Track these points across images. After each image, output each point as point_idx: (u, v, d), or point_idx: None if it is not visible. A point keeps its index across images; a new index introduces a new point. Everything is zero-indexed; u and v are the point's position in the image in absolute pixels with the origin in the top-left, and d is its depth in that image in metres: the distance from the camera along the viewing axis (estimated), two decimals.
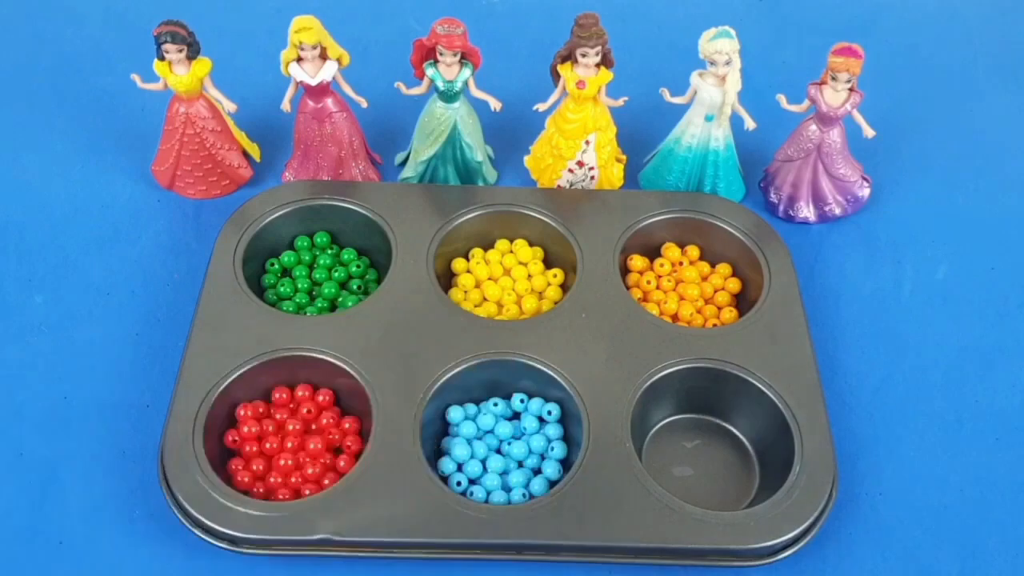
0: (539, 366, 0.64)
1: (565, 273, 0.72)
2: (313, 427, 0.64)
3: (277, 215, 0.72)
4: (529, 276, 0.72)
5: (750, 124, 0.74)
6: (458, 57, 0.71)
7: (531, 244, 0.74)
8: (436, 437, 0.64)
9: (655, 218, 0.73)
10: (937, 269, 0.76)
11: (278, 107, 0.74)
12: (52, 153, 0.81)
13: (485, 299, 0.71)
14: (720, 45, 0.69)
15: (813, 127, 0.74)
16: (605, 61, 0.71)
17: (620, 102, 0.74)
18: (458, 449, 0.63)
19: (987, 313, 0.73)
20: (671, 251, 0.74)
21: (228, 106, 0.74)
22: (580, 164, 0.76)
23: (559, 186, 0.77)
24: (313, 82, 0.72)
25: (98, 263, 0.73)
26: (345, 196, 0.73)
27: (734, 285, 0.73)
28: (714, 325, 0.70)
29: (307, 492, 0.60)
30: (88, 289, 0.72)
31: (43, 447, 0.63)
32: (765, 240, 0.72)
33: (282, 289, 0.71)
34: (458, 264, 0.73)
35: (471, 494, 0.61)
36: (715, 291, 0.73)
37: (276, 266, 0.72)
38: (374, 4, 0.96)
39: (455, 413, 0.64)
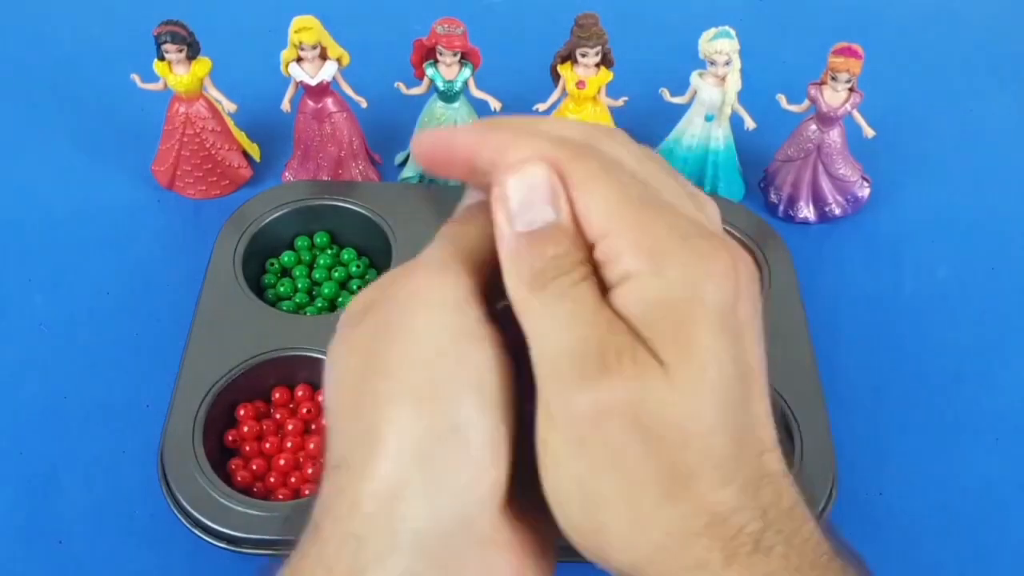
0: None
1: None
2: (312, 427, 0.64)
3: (277, 215, 0.72)
4: None
5: (750, 124, 0.74)
6: (458, 57, 0.71)
7: None
8: None
9: None
10: (937, 269, 0.76)
11: (278, 107, 0.74)
12: (52, 153, 0.81)
13: None
14: (720, 45, 0.69)
15: (813, 127, 0.74)
16: (605, 61, 0.71)
17: (620, 102, 0.74)
18: None
19: (987, 313, 0.73)
20: None
21: (228, 106, 0.74)
22: None
23: None
24: (313, 82, 0.72)
25: (98, 263, 0.73)
26: (345, 196, 0.73)
27: None
28: None
29: (307, 492, 0.60)
30: (88, 289, 0.71)
31: (43, 447, 0.63)
32: (765, 240, 0.72)
33: (281, 289, 0.71)
34: None
35: None
36: None
37: (276, 266, 0.72)
38: (374, 4, 0.96)
39: None
